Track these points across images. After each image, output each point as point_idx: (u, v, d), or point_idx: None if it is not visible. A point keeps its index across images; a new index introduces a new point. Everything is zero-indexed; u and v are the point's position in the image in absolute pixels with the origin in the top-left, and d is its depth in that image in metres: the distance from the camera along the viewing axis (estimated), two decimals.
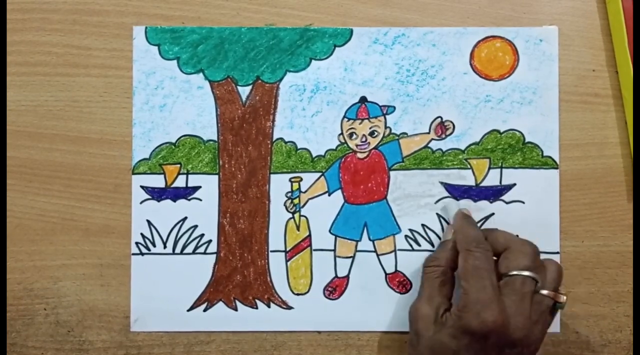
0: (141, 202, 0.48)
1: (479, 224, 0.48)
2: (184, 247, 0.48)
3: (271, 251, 0.48)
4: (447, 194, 0.48)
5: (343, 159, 0.48)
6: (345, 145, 0.48)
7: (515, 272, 0.40)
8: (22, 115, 0.48)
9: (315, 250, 0.48)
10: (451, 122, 0.48)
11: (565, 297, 0.41)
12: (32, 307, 0.48)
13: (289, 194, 0.48)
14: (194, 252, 0.48)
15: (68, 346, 0.48)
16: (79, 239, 0.48)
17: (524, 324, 0.39)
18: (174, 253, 0.48)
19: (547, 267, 0.42)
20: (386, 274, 0.48)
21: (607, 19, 0.48)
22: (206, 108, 0.48)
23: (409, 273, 0.48)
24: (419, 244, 0.48)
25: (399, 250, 0.48)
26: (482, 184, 0.48)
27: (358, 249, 0.48)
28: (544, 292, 0.41)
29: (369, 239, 0.48)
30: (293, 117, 0.48)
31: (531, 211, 0.48)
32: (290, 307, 0.48)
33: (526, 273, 0.40)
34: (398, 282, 0.48)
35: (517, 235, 0.45)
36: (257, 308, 0.48)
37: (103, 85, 0.48)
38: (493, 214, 0.48)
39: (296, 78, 0.48)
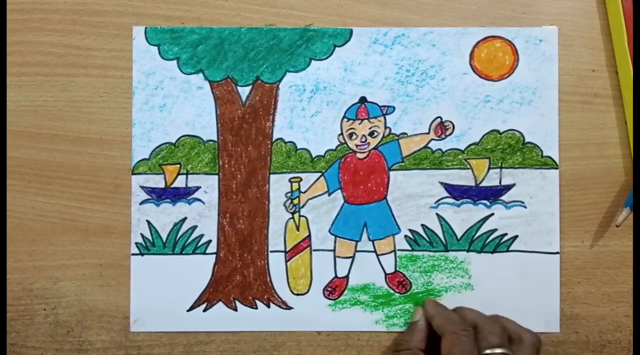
0: (141, 203, 0.48)
1: (478, 225, 0.48)
2: (184, 247, 0.48)
3: (271, 251, 0.48)
4: (446, 194, 0.48)
5: (343, 159, 0.48)
6: (345, 145, 0.48)
7: (488, 351, 0.40)
8: (22, 115, 0.48)
9: (315, 250, 0.48)
10: (451, 122, 0.48)
11: None
12: (32, 307, 0.48)
13: (289, 194, 0.48)
14: (193, 253, 0.48)
15: (68, 346, 0.48)
16: (79, 240, 0.48)
17: None
18: (173, 253, 0.48)
19: (524, 340, 0.42)
20: (386, 274, 0.48)
21: (607, 19, 0.48)
22: (206, 108, 0.48)
23: (408, 273, 0.48)
24: (418, 244, 0.48)
25: (399, 250, 0.48)
26: (482, 184, 0.48)
27: (358, 249, 0.48)
28: None
29: (369, 239, 0.48)
30: (293, 117, 0.48)
31: (531, 211, 0.48)
32: (289, 308, 0.48)
33: (499, 350, 0.40)
34: (398, 282, 0.48)
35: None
36: (256, 308, 0.48)
37: (103, 86, 0.48)
38: (493, 214, 0.48)
39: (296, 78, 0.48)
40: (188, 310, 0.48)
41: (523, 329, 0.43)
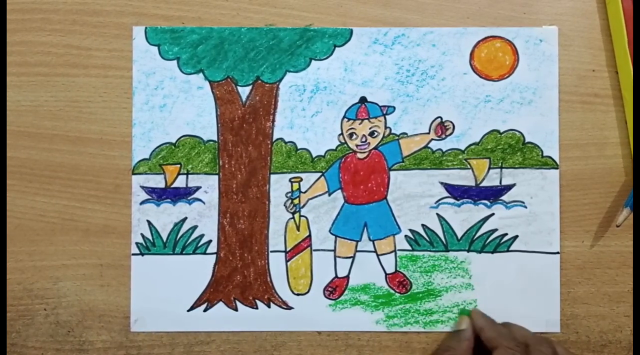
0: (141, 203, 0.48)
1: (478, 224, 0.48)
2: (184, 247, 0.48)
3: (271, 251, 0.48)
4: (447, 194, 0.48)
5: (343, 159, 0.48)
6: (345, 145, 0.48)
7: None
8: (22, 115, 0.48)
9: (315, 250, 0.48)
10: (451, 122, 0.48)
11: None
12: (32, 307, 0.48)
13: (289, 194, 0.48)
14: (194, 253, 0.48)
15: (68, 346, 0.48)
16: (79, 239, 0.48)
17: None
18: (174, 253, 0.48)
19: None
20: (386, 274, 0.48)
21: (607, 19, 0.48)
22: (206, 108, 0.48)
23: (409, 273, 0.48)
24: (418, 244, 0.48)
25: (399, 250, 0.48)
26: (482, 184, 0.48)
27: (358, 249, 0.48)
28: None
29: (369, 239, 0.48)
30: (293, 117, 0.48)
31: (531, 211, 0.48)
32: (290, 308, 0.48)
33: None
34: (398, 282, 0.48)
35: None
36: (257, 308, 0.48)
37: (103, 86, 0.48)
38: (493, 214, 0.48)
39: (296, 78, 0.48)
40: (188, 310, 0.48)
41: (571, 353, 0.43)
